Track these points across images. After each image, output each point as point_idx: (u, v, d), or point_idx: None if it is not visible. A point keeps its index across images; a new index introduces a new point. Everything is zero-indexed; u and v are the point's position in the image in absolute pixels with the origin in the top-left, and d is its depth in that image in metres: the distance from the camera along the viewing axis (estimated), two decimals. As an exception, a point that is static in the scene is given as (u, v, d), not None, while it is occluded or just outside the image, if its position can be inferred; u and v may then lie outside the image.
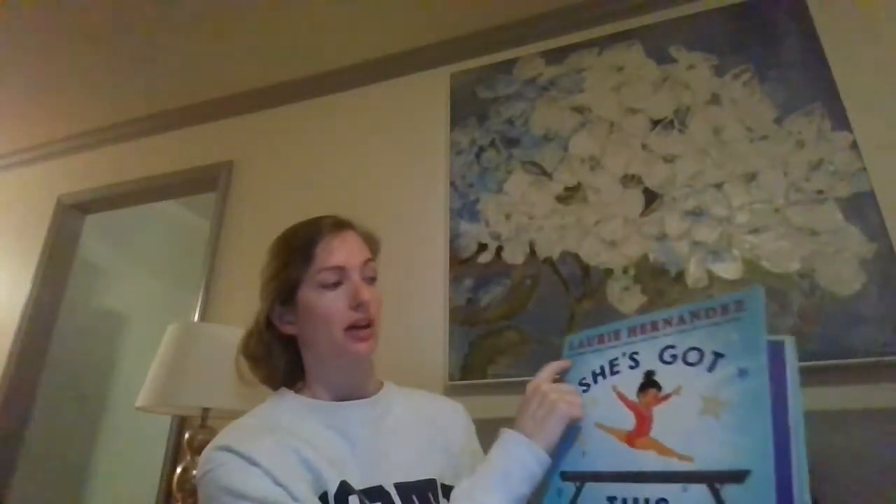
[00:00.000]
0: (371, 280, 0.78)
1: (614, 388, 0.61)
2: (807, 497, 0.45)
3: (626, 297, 1.40)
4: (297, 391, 0.79)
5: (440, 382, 1.51)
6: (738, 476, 0.47)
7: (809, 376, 1.19)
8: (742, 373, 0.51)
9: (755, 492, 0.45)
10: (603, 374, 0.64)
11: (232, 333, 1.52)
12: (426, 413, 0.84)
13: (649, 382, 0.58)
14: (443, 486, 0.72)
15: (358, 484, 0.68)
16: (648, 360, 0.59)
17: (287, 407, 0.76)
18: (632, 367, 0.61)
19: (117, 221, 2.64)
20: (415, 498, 0.69)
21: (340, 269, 0.75)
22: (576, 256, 1.50)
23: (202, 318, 1.89)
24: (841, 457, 1.00)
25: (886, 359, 1.15)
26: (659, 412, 0.56)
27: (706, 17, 1.61)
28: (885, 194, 1.27)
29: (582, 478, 0.60)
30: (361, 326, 0.74)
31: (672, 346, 0.57)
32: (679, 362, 0.56)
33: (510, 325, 1.49)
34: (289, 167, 2.06)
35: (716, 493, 0.48)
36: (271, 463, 0.65)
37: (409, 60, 1.98)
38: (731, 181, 1.42)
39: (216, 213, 2.07)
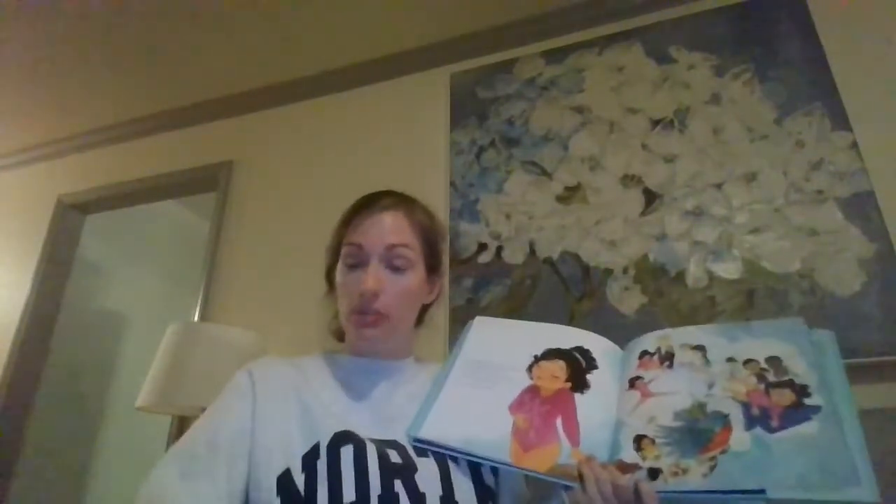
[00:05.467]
0: (396, 268, 0.76)
1: None
2: None
3: (626, 297, 1.40)
4: (342, 349, 0.83)
5: (440, 382, 1.51)
6: None
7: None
8: None
9: None
10: None
11: (232, 333, 1.54)
12: None
13: None
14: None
15: (373, 434, 0.68)
16: None
17: (323, 361, 0.80)
18: None
19: (117, 221, 2.63)
20: (431, 454, 0.68)
21: (358, 248, 0.75)
22: (576, 256, 1.50)
23: (202, 318, 1.89)
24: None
25: (886, 359, 1.15)
26: None
27: (706, 17, 1.61)
28: (885, 194, 1.27)
29: None
30: (366, 312, 0.74)
31: None
32: None
33: (510, 325, 1.49)
34: (289, 167, 2.05)
35: None
36: (265, 414, 0.69)
37: (409, 60, 1.98)
38: (731, 181, 1.42)
39: (216, 213, 2.07)
